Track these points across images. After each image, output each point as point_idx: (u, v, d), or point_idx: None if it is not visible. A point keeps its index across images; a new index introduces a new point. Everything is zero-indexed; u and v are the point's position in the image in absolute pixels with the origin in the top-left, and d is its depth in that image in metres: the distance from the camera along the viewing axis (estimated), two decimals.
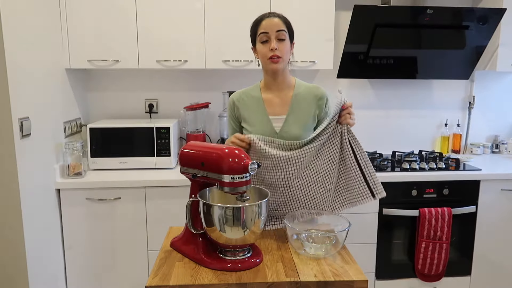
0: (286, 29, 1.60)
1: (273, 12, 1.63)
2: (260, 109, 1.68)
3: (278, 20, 1.59)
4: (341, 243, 1.40)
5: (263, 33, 1.58)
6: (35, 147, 2.02)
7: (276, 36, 1.58)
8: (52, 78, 2.23)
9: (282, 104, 1.68)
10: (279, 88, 1.69)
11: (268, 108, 1.68)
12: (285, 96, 1.69)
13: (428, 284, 2.54)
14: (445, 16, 2.47)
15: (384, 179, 2.41)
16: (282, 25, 1.59)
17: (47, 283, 2.12)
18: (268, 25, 1.58)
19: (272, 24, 1.58)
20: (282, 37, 1.58)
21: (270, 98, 1.69)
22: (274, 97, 1.69)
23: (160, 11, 2.38)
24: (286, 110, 1.67)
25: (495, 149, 3.07)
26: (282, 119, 1.67)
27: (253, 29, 1.64)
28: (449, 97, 3.02)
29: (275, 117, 1.67)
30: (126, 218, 2.31)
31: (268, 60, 1.60)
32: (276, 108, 1.68)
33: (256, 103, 1.69)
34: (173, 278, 1.23)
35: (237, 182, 1.27)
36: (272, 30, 1.57)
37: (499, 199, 2.52)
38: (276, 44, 1.57)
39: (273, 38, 1.58)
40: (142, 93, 2.80)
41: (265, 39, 1.59)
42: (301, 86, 1.71)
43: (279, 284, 1.22)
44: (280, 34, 1.58)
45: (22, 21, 1.91)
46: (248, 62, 2.47)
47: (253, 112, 1.69)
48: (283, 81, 1.68)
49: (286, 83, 1.69)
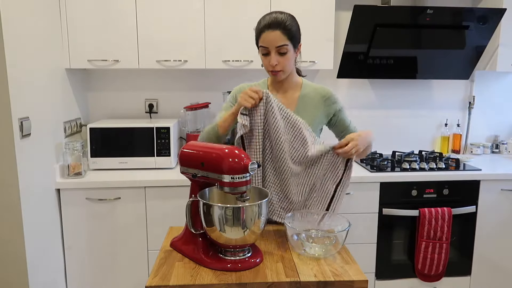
0: (288, 41, 1.51)
1: (275, 21, 1.50)
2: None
3: (279, 34, 1.49)
4: (341, 243, 1.40)
5: (263, 47, 1.53)
6: (35, 147, 2.02)
7: (276, 50, 1.51)
8: (52, 78, 2.23)
9: (288, 104, 1.65)
10: (285, 88, 1.67)
11: None
12: (291, 96, 1.66)
13: (428, 284, 2.54)
14: (445, 16, 2.47)
15: (384, 179, 2.42)
16: (282, 39, 1.50)
17: (47, 283, 2.12)
18: (268, 40, 1.50)
19: (272, 40, 1.50)
20: (283, 51, 1.52)
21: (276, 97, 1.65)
22: (281, 96, 1.66)
23: (160, 11, 2.38)
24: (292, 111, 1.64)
25: (495, 149, 3.07)
26: None
27: (256, 36, 1.57)
28: (449, 97, 3.02)
29: None
30: (126, 218, 2.31)
31: (269, 72, 1.58)
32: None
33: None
34: (173, 278, 1.23)
35: (237, 182, 1.27)
36: (272, 45, 1.51)
37: (499, 199, 2.52)
38: (277, 58, 1.52)
39: (273, 54, 1.52)
40: (142, 93, 2.80)
41: (266, 52, 1.54)
42: (308, 87, 1.69)
43: (279, 284, 1.21)
44: (280, 49, 1.51)
45: (22, 21, 1.91)
46: (248, 62, 2.47)
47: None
48: (289, 82, 1.66)
49: (293, 83, 1.67)
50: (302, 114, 1.63)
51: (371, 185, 2.42)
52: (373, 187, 2.42)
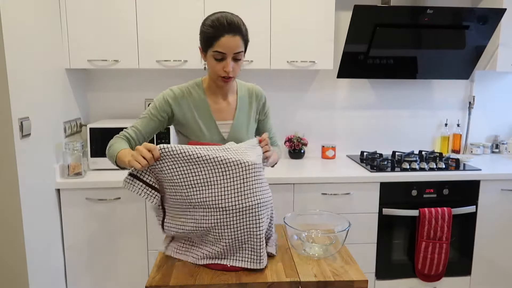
0: (243, 48, 1.44)
1: (235, 26, 1.39)
2: (206, 114, 1.55)
3: (238, 39, 1.40)
4: (341, 243, 1.40)
5: (219, 52, 1.40)
6: (35, 147, 2.02)
7: (233, 57, 1.42)
8: (52, 78, 2.23)
9: (228, 108, 1.58)
10: (225, 92, 1.58)
11: (215, 113, 1.56)
12: (232, 99, 1.59)
13: (428, 284, 2.54)
14: (445, 16, 2.47)
15: (384, 179, 2.42)
16: (241, 45, 1.41)
17: (47, 283, 2.12)
18: (228, 46, 1.39)
19: (232, 46, 1.39)
20: (239, 58, 1.44)
21: (216, 102, 1.57)
22: (221, 101, 1.57)
23: (160, 11, 2.38)
24: (232, 115, 1.58)
25: (495, 149, 3.07)
26: (228, 124, 1.57)
27: (208, 38, 1.40)
28: (449, 97, 3.02)
29: (221, 123, 1.56)
30: (126, 218, 2.31)
31: (219, 77, 1.46)
32: (223, 113, 1.57)
33: (201, 106, 1.55)
34: (173, 278, 1.23)
35: None
36: (230, 52, 1.40)
37: (499, 199, 2.52)
38: (232, 65, 1.43)
39: (229, 61, 1.41)
40: (142, 93, 2.80)
41: (220, 58, 1.42)
42: (242, 86, 1.64)
43: (279, 284, 1.22)
44: (237, 55, 1.42)
45: (22, 21, 1.91)
46: (248, 62, 2.47)
47: (198, 117, 1.54)
48: (229, 85, 1.57)
49: (232, 87, 1.60)
50: (242, 117, 1.60)
51: (371, 185, 2.42)
52: (373, 187, 2.42)
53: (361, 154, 2.87)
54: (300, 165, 2.67)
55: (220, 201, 1.26)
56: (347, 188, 2.41)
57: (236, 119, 1.58)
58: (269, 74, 2.84)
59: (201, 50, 1.47)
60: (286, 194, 2.37)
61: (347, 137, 2.98)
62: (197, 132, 1.53)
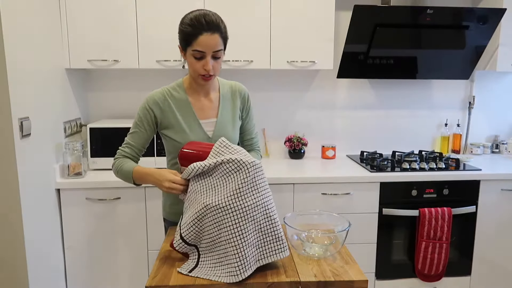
0: (223, 46, 1.45)
1: (214, 24, 1.40)
2: (189, 113, 1.55)
3: (217, 37, 1.40)
4: (341, 243, 1.40)
5: (198, 50, 1.40)
6: (35, 147, 2.02)
7: (212, 55, 1.42)
8: (52, 78, 2.23)
9: (211, 106, 1.58)
10: (207, 90, 1.58)
11: (197, 112, 1.56)
12: (214, 98, 1.59)
13: (428, 284, 2.54)
14: (445, 16, 2.47)
15: (384, 179, 2.42)
16: (220, 43, 1.42)
17: (47, 283, 2.12)
18: (207, 44, 1.39)
19: (211, 44, 1.39)
20: (218, 56, 1.44)
21: (198, 101, 1.57)
22: (203, 99, 1.58)
23: (160, 11, 2.38)
24: (216, 113, 1.58)
25: (495, 149, 3.07)
26: (212, 122, 1.57)
27: (187, 37, 1.41)
28: (449, 97, 3.02)
29: (205, 121, 1.56)
30: (126, 218, 2.31)
31: (200, 76, 1.46)
32: (206, 111, 1.57)
33: (184, 106, 1.55)
34: (173, 278, 1.23)
35: None
36: (209, 50, 1.41)
37: (499, 199, 2.52)
38: (212, 63, 1.43)
39: (209, 59, 1.42)
40: (142, 93, 2.80)
41: (200, 56, 1.42)
42: (225, 85, 1.64)
43: (279, 284, 1.21)
44: (217, 54, 1.43)
45: (22, 21, 1.91)
46: (248, 62, 2.47)
47: (181, 117, 1.54)
48: (210, 83, 1.57)
49: (213, 84, 1.61)
50: (226, 114, 1.60)
51: (371, 185, 2.42)
52: (373, 187, 2.42)
53: (361, 154, 2.87)
54: (300, 165, 2.67)
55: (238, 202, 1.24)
56: (347, 188, 2.41)
57: (220, 116, 1.58)
58: (269, 74, 2.84)
59: (181, 49, 1.47)
60: (286, 194, 2.37)
61: (347, 137, 2.98)
62: (181, 133, 1.53)
